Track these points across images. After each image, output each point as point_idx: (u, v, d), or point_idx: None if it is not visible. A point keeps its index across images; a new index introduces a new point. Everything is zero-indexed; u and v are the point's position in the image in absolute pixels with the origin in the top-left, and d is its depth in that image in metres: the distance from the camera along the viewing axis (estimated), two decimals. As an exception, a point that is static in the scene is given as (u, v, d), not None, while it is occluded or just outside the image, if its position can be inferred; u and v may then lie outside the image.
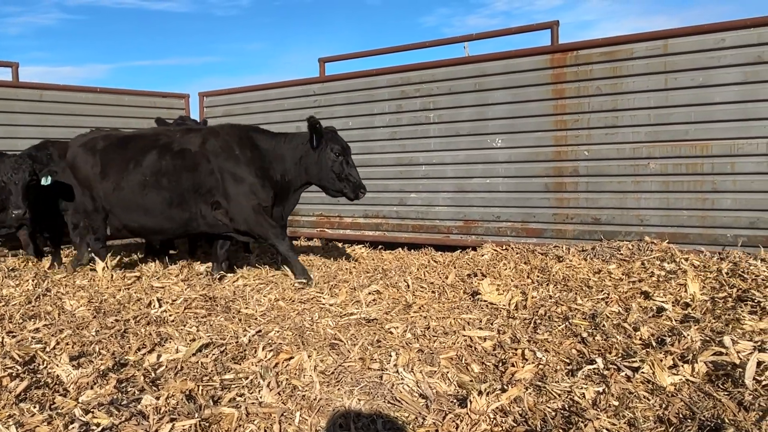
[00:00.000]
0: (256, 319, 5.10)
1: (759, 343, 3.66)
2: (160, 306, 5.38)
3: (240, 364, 3.94)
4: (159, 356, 4.07)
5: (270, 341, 4.35)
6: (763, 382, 3.20)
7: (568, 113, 7.87)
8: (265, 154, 6.63)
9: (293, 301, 5.60)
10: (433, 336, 4.40)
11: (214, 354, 4.13)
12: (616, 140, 7.54)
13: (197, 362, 3.98)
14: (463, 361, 3.93)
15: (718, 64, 6.93)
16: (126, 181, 6.57)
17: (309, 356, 3.89)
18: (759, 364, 3.33)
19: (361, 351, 4.11)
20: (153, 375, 3.76)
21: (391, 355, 3.95)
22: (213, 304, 5.51)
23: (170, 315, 5.15)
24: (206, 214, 6.56)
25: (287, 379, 3.60)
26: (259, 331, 4.68)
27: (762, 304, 4.66)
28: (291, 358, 3.93)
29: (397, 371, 3.62)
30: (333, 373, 3.73)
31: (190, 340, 4.43)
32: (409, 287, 5.87)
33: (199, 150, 6.55)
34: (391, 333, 4.47)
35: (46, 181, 6.98)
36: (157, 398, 3.30)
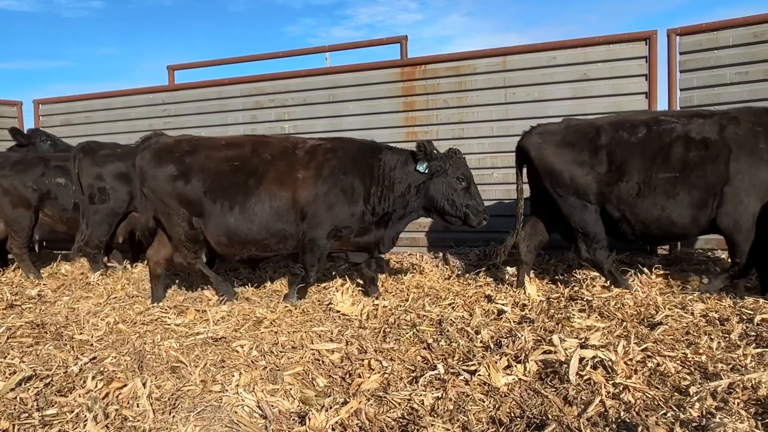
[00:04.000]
0: (91, 345, 4.72)
1: (583, 340, 3.94)
2: (-23, 337, 4.82)
3: (66, 397, 3.60)
4: (-32, 395, 3.63)
5: (103, 369, 4.03)
6: (585, 377, 3.44)
7: (419, 125, 8.13)
8: None
9: (135, 323, 5.26)
10: (281, 352, 4.30)
11: (36, 387, 3.74)
12: (463, 152, 7.85)
13: (15, 398, 3.59)
14: (309, 376, 3.87)
15: (550, 81, 7.48)
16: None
17: (144, 383, 3.64)
18: (581, 359, 3.58)
19: (204, 373, 3.92)
20: (-42, 417, 3.34)
21: (233, 375, 3.80)
22: (41, 332, 5.02)
23: (-12, 346, 4.63)
24: None
25: (117, 410, 3.35)
26: (94, 358, 4.33)
27: (590, 302, 5.03)
28: (124, 386, 3.66)
29: (238, 392, 3.49)
30: (170, 399, 3.52)
31: (10, 374, 3.99)
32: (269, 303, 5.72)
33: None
34: (237, 351, 4.32)
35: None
36: (-41, 444, 2.93)
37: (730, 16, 6.95)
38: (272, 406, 3.33)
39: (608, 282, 5.50)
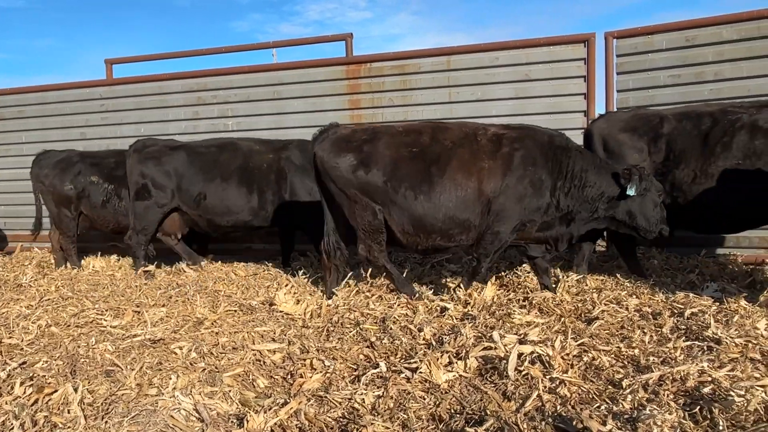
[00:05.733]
0: (21, 349, 4.53)
1: (522, 336, 4.01)
2: None
3: (-9, 405, 3.43)
4: None
5: (33, 374, 3.86)
6: (524, 372, 3.50)
7: (364, 123, 8.10)
8: None
9: (68, 325, 5.07)
10: (221, 353, 4.22)
11: (-42, 396, 3.56)
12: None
13: (-66, 408, 3.40)
14: (249, 377, 3.81)
15: (493, 81, 7.59)
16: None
17: (76, 388, 3.50)
18: (520, 355, 3.64)
19: (140, 376, 3.81)
20: None
21: (171, 378, 3.70)
22: (-34, 337, 4.78)
23: None
24: None
25: (47, 417, 3.21)
26: (23, 363, 4.16)
27: (530, 298, 5.13)
28: (55, 391, 3.52)
29: (174, 395, 3.40)
30: (103, 404, 3.40)
31: (-72, 383, 3.79)
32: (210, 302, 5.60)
33: None
34: (176, 353, 4.21)
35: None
36: None
37: (666, 20, 7.22)
38: (210, 408, 3.26)
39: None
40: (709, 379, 3.19)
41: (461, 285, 5.49)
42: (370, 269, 5.80)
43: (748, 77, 6.63)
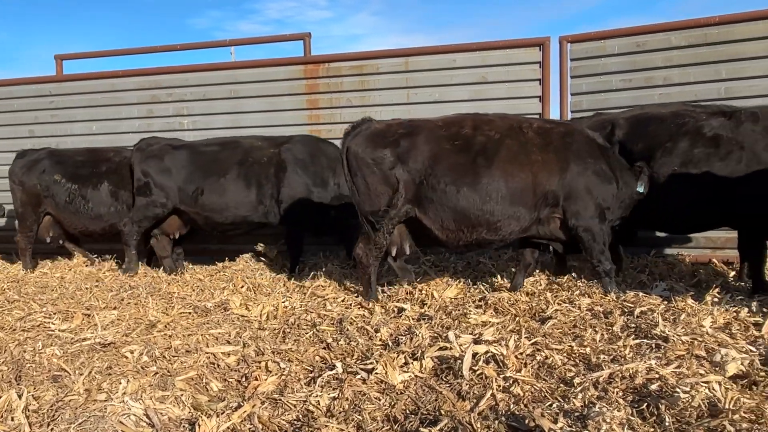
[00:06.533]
0: (-38, 355, 4.36)
1: (477, 336, 4.04)
2: None
3: (-71, 413, 3.29)
4: None
5: (-26, 381, 3.72)
6: (478, 372, 3.53)
7: (323, 123, 8.10)
8: None
9: (14, 329, 4.90)
10: (174, 356, 4.14)
11: None
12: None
13: None
14: (203, 381, 3.75)
15: (451, 82, 7.65)
16: None
17: (20, 395, 3.39)
18: (474, 355, 3.67)
19: (88, 381, 3.71)
20: None
21: (121, 383, 3.61)
22: None
23: None
24: None
25: (-12, 425, 3.10)
26: (-35, 369, 4.00)
27: (486, 298, 5.18)
28: (-2, 398, 3.39)
29: (124, 400, 3.32)
30: (49, 410, 3.30)
31: None
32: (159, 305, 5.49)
33: None
34: (126, 357, 4.12)
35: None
36: None
37: (620, 26, 7.40)
38: (161, 413, 3.20)
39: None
40: (657, 376, 3.26)
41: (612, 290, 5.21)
42: (323, 269, 5.77)
43: (696, 83, 6.84)
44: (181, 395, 3.46)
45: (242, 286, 6.11)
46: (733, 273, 6.16)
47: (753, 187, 5.07)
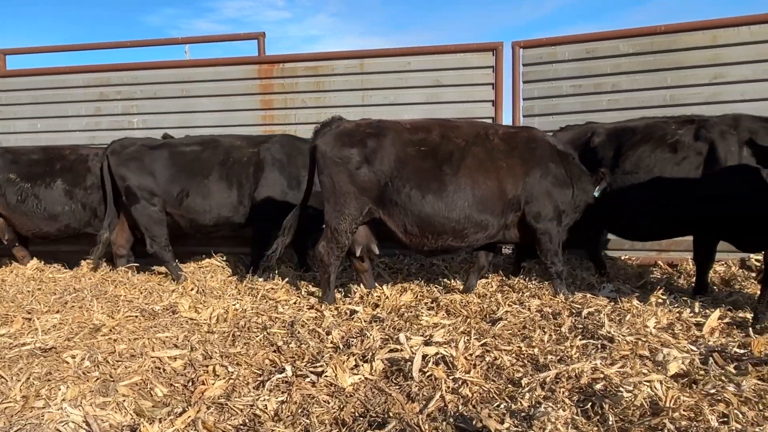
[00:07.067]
0: None
1: (428, 337, 4.05)
2: None
3: None
4: None
5: None
6: (428, 373, 3.53)
7: (277, 124, 8.01)
8: None
9: (-52, 335, 4.68)
10: (118, 361, 4.02)
11: None
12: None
13: None
14: (147, 386, 3.65)
15: (405, 85, 7.67)
16: None
17: (-49, 402, 3.24)
18: (424, 356, 3.67)
19: (26, 387, 3.57)
20: None
21: (60, 389, 3.49)
22: None
23: None
24: None
25: None
26: None
27: (438, 300, 5.20)
28: (-74, 407, 3.23)
29: (62, 407, 3.20)
30: (-18, 418, 3.16)
31: None
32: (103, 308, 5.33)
33: None
34: (67, 362, 3.98)
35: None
36: None
37: (571, 32, 7.54)
38: (101, 420, 3.10)
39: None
40: (602, 376, 3.33)
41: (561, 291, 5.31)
42: (276, 272, 5.70)
43: (642, 89, 7.03)
44: (124, 401, 3.35)
45: (192, 289, 5.99)
46: (678, 275, 6.33)
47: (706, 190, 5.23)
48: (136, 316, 5.15)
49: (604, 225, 6.17)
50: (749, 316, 4.41)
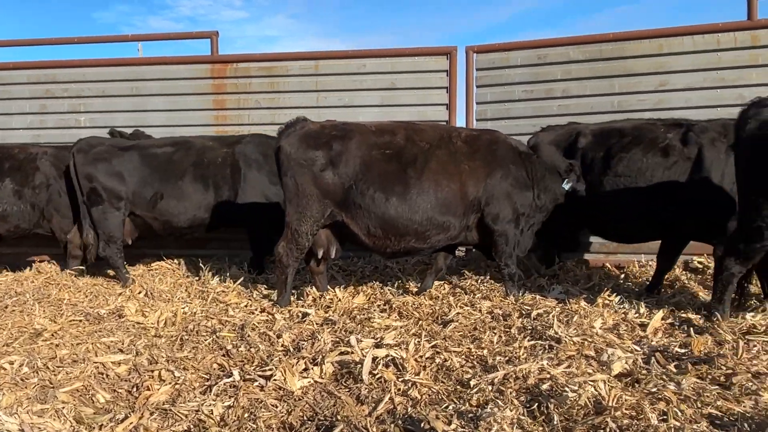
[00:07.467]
0: None
1: (379, 340, 4.05)
2: None
3: None
4: None
5: None
6: (378, 376, 3.53)
7: (230, 124, 7.91)
8: None
9: None
10: (59, 367, 3.88)
11: None
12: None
13: None
14: (89, 392, 3.54)
15: (360, 87, 7.67)
16: None
17: None
18: (375, 359, 3.67)
19: (-42, 395, 3.41)
20: None
21: (-5, 397, 3.35)
22: None
23: None
24: None
25: None
26: None
27: (391, 302, 5.20)
28: None
29: (-4, 415, 3.08)
30: None
31: None
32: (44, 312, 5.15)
33: None
34: (5, 369, 3.82)
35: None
36: None
37: (527, 38, 7.66)
38: (39, 427, 2.98)
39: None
40: (548, 376, 3.38)
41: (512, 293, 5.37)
42: (227, 274, 5.62)
43: (592, 95, 7.19)
44: (63, 408, 3.24)
45: (140, 292, 5.84)
46: (623, 276, 6.48)
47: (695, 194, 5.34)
48: (80, 320, 5.00)
49: (589, 227, 6.29)
50: (691, 316, 4.55)
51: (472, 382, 3.36)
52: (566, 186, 5.55)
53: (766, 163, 4.15)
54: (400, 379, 3.45)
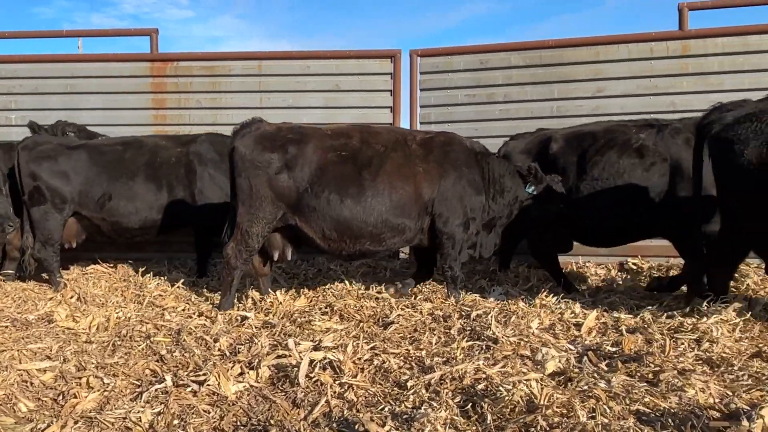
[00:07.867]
0: None
1: (318, 342, 4.01)
2: None
3: None
4: None
5: None
6: (314, 379, 3.49)
7: (169, 124, 7.74)
8: None
9: None
10: (-21, 375, 3.70)
11: None
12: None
13: None
14: (11, 401, 3.37)
15: (304, 89, 7.62)
16: None
17: None
18: (312, 362, 3.63)
19: None
20: None
21: None
22: None
23: None
24: None
25: None
26: None
27: (332, 305, 5.17)
28: None
29: None
30: None
31: None
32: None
33: None
34: None
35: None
36: None
37: (472, 44, 7.76)
38: (-48, 440, 2.83)
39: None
40: (484, 376, 3.41)
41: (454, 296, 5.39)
42: (165, 278, 5.48)
43: (532, 100, 7.35)
44: (-19, 418, 3.09)
45: (71, 297, 5.63)
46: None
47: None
48: (6, 327, 4.78)
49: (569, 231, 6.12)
50: (623, 316, 4.67)
51: (409, 384, 3.36)
52: (530, 189, 5.55)
53: (729, 164, 4.32)
54: (337, 382, 3.42)
